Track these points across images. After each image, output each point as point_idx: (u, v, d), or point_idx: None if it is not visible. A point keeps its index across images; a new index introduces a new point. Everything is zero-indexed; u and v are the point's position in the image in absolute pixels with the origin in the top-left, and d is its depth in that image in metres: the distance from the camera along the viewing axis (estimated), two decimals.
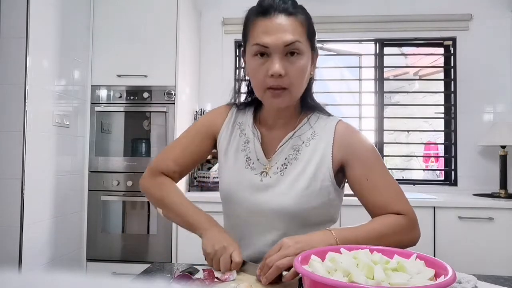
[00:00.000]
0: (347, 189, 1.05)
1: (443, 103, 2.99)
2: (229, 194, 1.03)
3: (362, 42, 3.08)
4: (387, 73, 3.38)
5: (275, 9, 0.90)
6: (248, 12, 0.96)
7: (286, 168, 0.98)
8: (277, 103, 0.94)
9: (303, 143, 1.00)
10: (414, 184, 2.87)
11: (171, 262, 2.34)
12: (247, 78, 1.02)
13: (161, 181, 1.07)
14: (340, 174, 1.01)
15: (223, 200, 1.07)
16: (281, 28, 0.88)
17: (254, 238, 1.00)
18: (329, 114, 1.05)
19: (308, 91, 1.01)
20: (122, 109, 2.49)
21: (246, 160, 1.02)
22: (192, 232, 1.00)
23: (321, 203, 0.97)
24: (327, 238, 0.84)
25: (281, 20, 0.89)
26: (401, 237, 0.90)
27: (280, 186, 0.97)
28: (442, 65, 3.04)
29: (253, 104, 1.07)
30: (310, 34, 0.94)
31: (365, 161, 0.96)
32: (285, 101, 0.94)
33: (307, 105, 1.04)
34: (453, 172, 2.86)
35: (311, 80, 1.01)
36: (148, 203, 2.43)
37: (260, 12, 0.91)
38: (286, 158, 0.99)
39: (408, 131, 3.13)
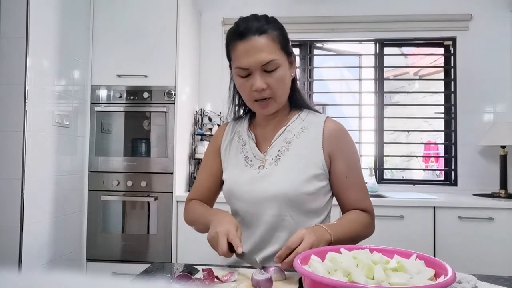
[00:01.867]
0: None
1: (443, 103, 2.99)
2: (230, 192, 1.12)
3: (362, 42, 3.08)
4: (387, 73, 3.38)
5: (249, 30, 1.00)
6: (228, 34, 1.06)
7: (279, 158, 1.08)
8: (266, 112, 1.08)
9: (294, 136, 1.10)
10: (414, 184, 2.87)
11: (171, 262, 2.34)
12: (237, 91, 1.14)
13: (190, 205, 1.22)
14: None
15: (227, 200, 1.15)
16: (257, 49, 1.00)
17: (257, 227, 1.07)
18: (317, 112, 1.16)
19: (293, 90, 1.12)
20: (122, 109, 2.49)
21: (245, 159, 1.12)
22: None
23: (315, 190, 1.05)
24: (324, 231, 0.94)
25: (256, 41, 1.00)
26: (366, 230, 1.07)
27: (275, 174, 1.06)
28: (442, 65, 3.04)
29: (248, 113, 1.21)
30: (283, 45, 1.04)
31: (348, 160, 1.08)
32: (272, 109, 1.07)
33: (296, 103, 1.15)
34: (453, 172, 2.86)
35: (294, 81, 1.12)
36: (148, 203, 2.43)
37: (237, 35, 1.02)
38: (279, 150, 1.09)
39: (408, 131, 3.13)
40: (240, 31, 1.01)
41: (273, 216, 1.05)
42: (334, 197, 1.15)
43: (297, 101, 1.14)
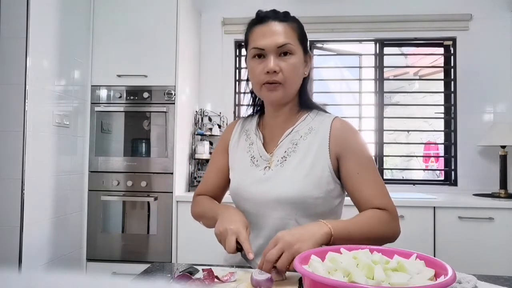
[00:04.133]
0: None
1: (443, 103, 2.99)
2: (236, 192, 1.12)
3: (362, 42, 3.08)
4: (387, 73, 3.38)
5: (270, 17, 1.05)
6: (248, 24, 1.10)
7: (285, 160, 1.06)
8: (273, 97, 1.06)
9: (300, 137, 1.08)
10: (414, 184, 2.87)
11: (171, 262, 2.34)
12: (249, 89, 1.17)
13: (198, 199, 1.23)
14: (338, 167, 1.07)
15: (233, 199, 1.15)
16: (275, 32, 1.03)
17: (262, 229, 1.07)
18: (326, 112, 1.14)
19: (304, 90, 1.11)
20: (122, 109, 2.49)
21: (251, 159, 1.12)
22: None
23: (321, 193, 1.02)
24: (320, 226, 0.89)
25: (275, 26, 1.04)
26: (385, 229, 0.99)
27: (280, 176, 1.05)
28: (442, 65, 3.04)
29: (258, 113, 1.20)
30: (302, 38, 1.07)
31: (357, 157, 1.04)
32: (280, 95, 1.05)
33: (305, 104, 1.13)
34: (453, 172, 2.86)
35: (305, 80, 1.11)
36: (148, 203, 2.43)
37: (257, 21, 1.06)
38: (285, 151, 1.08)
39: (408, 131, 3.14)
40: (262, 16, 1.05)
41: (277, 219, 1.04)
42: (345, 200, 1.12)
43: (306, 102, 1.13)
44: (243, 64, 1.15)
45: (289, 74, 1.03)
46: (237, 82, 3.02)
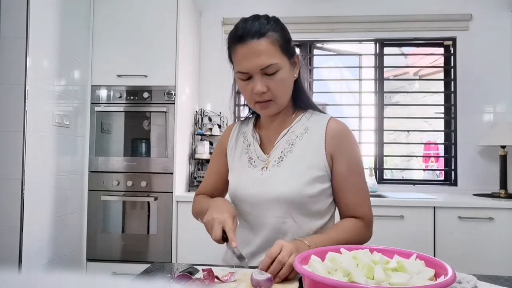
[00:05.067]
0: None
1: (443, 103, 2.99)
2: (235, 193, 1.13)
3: (362, 42, 3.08)
4: (387, 73, 3.38)
5: (248, 34, 0.99)
6: (229, 36, 1.06)
7: (282, 160, 1.08)
8: (266, 113, 1.09)
9: (296, 137, 1.09)
10: (414, 184, 2.87)
11: (171, 262, 2.34)
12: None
13: (196, 198, 1.27)
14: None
15: (232, 200, 1.16)
16: (256, 53, 0.99)
17: (260, 228, 1.08)
18: (321, 112, 1.15)
19: (297, 91, 1.12)
20: (122, 109, 2.49)
21: (249, 160, 1.13)
22: None
23: (317, 192, 1.04)
24: (299, 245, 0.93)
25: (255, 45, 0.99)
26: (358, 239, 1.04)
27: (277, 176, 1.06)
28: (442, 65, 3.04)
29: (255, 113, 1.21)
30: (284, 47, 1.03)
31: (349, 160, 1.06)
32: (272, 110, 1.07)
33: (300, 104, 1.14)
34: (453, 172, 2.86)
35: (297, 81, 1.10)
36: (148, 203, 2.43)
37: (236, 39, 1.01)
38: (282, 152, 1.09)
39: (408, 131, 3.14)
40: (239, 35, 1.00)
41: (275, 218, 1.05)
42: None
43: (301, 102, 1.13)
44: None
45: (277, 91, 1.03)
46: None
